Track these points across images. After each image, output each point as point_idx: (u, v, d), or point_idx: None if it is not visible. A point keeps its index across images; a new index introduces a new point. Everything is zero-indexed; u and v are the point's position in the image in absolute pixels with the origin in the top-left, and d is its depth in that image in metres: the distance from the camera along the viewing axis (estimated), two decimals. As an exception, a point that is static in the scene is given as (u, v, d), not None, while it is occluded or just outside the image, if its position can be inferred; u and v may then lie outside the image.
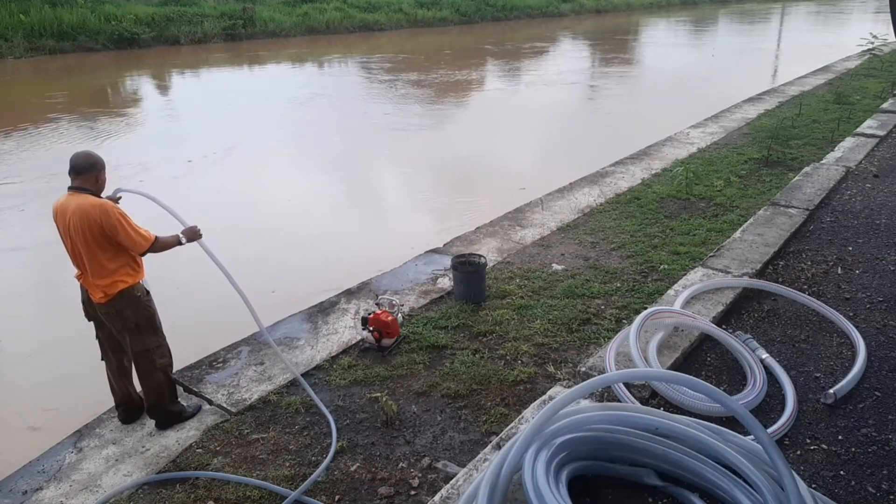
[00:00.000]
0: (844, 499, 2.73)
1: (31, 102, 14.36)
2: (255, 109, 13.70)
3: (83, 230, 3.34)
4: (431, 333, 4.59)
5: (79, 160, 3.41)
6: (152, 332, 3.66)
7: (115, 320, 3.55)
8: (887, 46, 14.69)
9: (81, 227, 3.33)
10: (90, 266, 3.43)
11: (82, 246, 3.38)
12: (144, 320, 3.60)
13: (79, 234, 3.36)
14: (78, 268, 3.53)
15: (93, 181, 3.43)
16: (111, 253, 3.41)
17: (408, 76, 17.53)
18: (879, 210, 6.07)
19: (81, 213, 3.33)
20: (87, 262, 3.42)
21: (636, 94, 15.64)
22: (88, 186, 3.41)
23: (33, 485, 3.38)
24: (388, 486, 3.25)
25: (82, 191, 3.40)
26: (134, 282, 3.52)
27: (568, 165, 9.15)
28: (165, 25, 22.51)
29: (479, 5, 31.74)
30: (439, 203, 8.19)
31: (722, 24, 34.44)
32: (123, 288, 3.47)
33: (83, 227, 3.33)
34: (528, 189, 7.97)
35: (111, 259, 3.42)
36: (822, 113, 11.20)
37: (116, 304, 3.49)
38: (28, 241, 7.18)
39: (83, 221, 3.32)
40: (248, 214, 7.77)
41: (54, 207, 3.47)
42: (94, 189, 3.44)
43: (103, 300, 3.46)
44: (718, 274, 4.74)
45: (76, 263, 3.53)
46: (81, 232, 3.34)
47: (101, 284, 3.43)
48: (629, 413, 2.85)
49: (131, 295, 3.52)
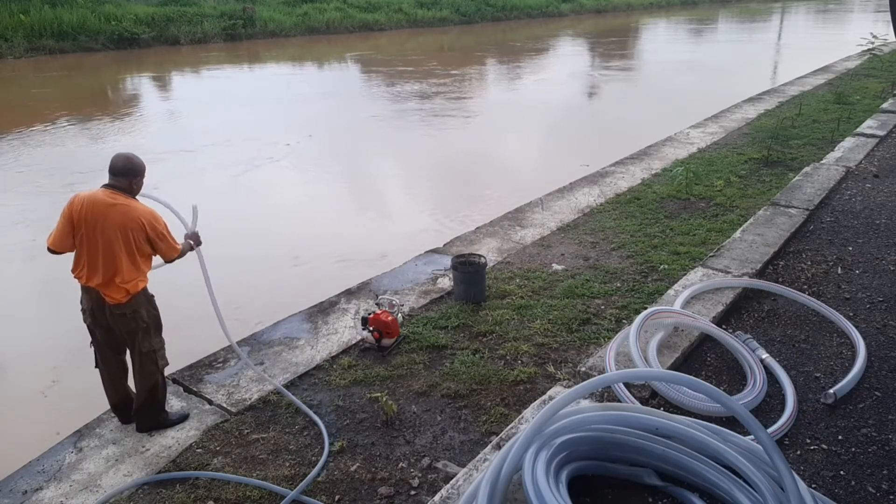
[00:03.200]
0: (844, 499, 2.73)
1: (30, 103, 14.36)
2: (255, 109, 13.70)
3: (124, 231, 3.34)
4: (431, 333, 4.59)
5: (117, 161, 3.43)
6: (158, 333, 3.70)
7: (130, 320, 3.53)
8: (887, 46, 14.69)
9: (123, 229, 3.33)
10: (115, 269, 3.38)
11: (114, 245, 3.34)
12: (154, 320, 3.66)
13: (115, 234, 3.34)
14: (88, 266, 3.42)
15: (127, 185, 3.44)
16: (137, 257, 3.44)
17: (408, 76, 17.54)
18: (879, 210, 6.07)
19: (126, 217, 3.34)
20: (108, 262, 3.37)
21: (636, 94, 15.64)
22: (124, 188, 3.43)
23: (33, 485, 3.38)
24: (388, 486, 3.25)
25: (117, 190, 3.41)
26: (146, 283, 3.59)
27: (568, 165, 9.15)
28: (165, 25, 22.51)
29: (479, 5, 31.75)
30: (439, 203, 8.19)
31: (722, 23, 34.43)
32: (143, 287, 3.54)
33: (125, 229, 3.34)
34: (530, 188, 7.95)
35: (138, 262, 3.46)
36: (822, 113, 11.20)
37: (135, 302, 3.50)
38: (28, 242, 7.18)
39: (127, 223, 3.34)
40: (248, 214, 7.77)
41: (78, 199, 3.40)
42: (129, 192, 3.45)
43: (125, 299, 3.45)
44: (718, 274, 4.74)
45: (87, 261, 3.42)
46: (121, 233, 3.34)
47: (122, 286, 3.42)
48: (629, 413, 2.85)
49: (146, 293, 3.58)
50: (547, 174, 8.80)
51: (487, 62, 20.60)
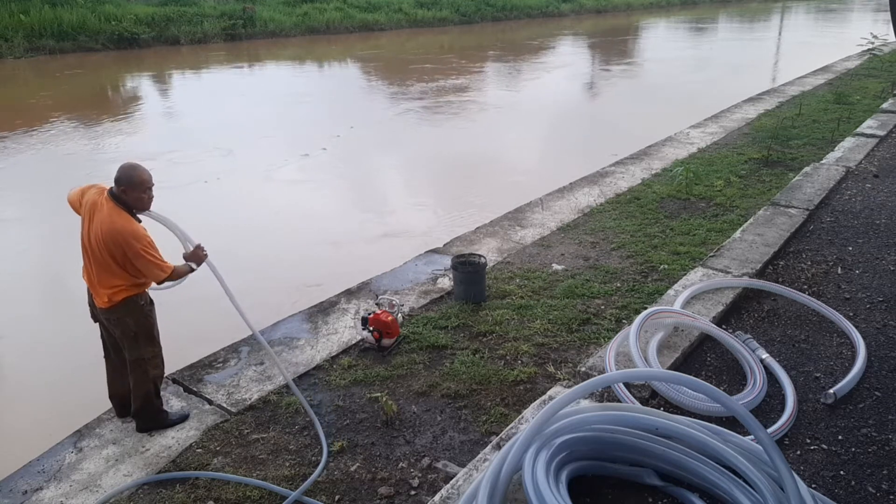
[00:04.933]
0: (844, 499, 2.73)
1: (30, 102, 14.35)
2: (255, 109, 13.69)
3: (105, 243, 3.30)
4: (431, 333, 4.59)
5: (121, 172, 3.35)
6: (149, 342, 3.62)
7: (115, 326, 3.54)
8: (887, 46, 14.69)
9: (104, 240, 3.29)
10: (97, 273, 3.40)
11: (99, 254, 3.34)
12: (143, 329, 3.56)
13: (99, 244, 3.32)
14: (84, 259, 3.48)
15: (120, 192, 3.35)
16: (122, 270, 3.37)
17: (407, 76, 17.54)
18: (879, 210, 6.07)
19: (108, 229, 3.28)
20: (96, 269, 3.39)
21: (636, 94, 15.64)
22: (117, 195, 3.35)
23: (33, 485, 3.38)
24: (388, 486, 3.25)
25: (111, 196, 3.35)
26: (139, 292, 3.50)
27: (568, 165, 9.15)
28: (165, 25, 22.49)
29: (479, 5, 31.72)
30: (439, 202, 8.19)
31: (722, 23, 34.43)
32: (127, 296, 3.45)
33: (105, 241, 3.29)
34: (528, 187, 7.95)
35: (120, 274, 3.38)
36: (822, 113, 11.20)
37: (119, 310, 3.47)
38: (28, 241, 7.19)
39: (107, 237, 3.28)
40: (247, 214, 7.77)
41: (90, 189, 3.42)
42: (131, 204, 3.37)
43: (106, 305, 3.45)
44: (718, 274, 4.74)
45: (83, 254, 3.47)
46: (104, 244, 3.30)
47: (106, 291, 3.41)
48: (629, 413, 2.85)
49: (134, 303, 3.49)
50: (547, 174, 8.80)
51: (487, 62, 20.59)
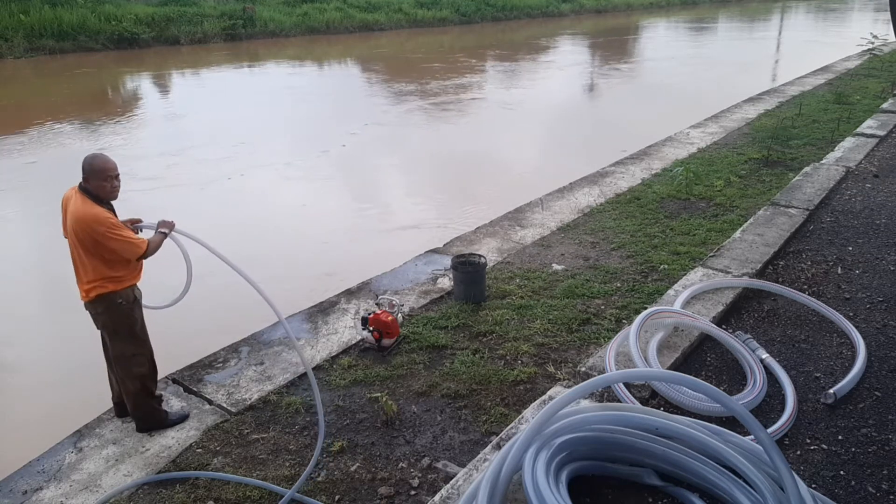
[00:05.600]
0: (844, 499, 2.73)
1: (29, 103, 14.35)
2: (255, 110, 13.69)
3: (75, 233, 3.36)
4: (431, 333, 4.59)
5: (83, 162, 3.40)
6: (130, 341, 3.60)
7: (96, 321, 3.60)
8: (887, 46, 14.69)
9: (74, 230, 3.35)
10: (76, 268, 3.47)
11: (74, 248, 3.43)
12: (122, 327, 3.56)
13: (72, 236, 3.39)
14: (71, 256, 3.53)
15: (84, 182, 3.39)
16: (99, 260, 3.38)
17: (407, 76, 17.53)
18: (879, 210, 6.07)
19: (74, 218, 3.34)
20: (75, 264, 3.48)
21: (636, 94, 15.64)
22: (88, 188, 3.39)
23: (33, 485, 3.38)
24: (388, 486, 3.25)
25: (79, 188, 3.41)
26: (116, 289, 3.47)
27: (568, 165, 9.15)
28: (165, 25, 22.50)
29: (479, 5, 31.73)
30: (439, 203, 8.19)
31: (722, 23, 34.43)
32: (102, 293, 3.45)
33: (75, 231, 3.35)
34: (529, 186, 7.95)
35: (98, 266, 3.40)
36: (822, 113, 11.20)
37: (96, 306, 3.51)
38: (28, 242, 7.19)
39: (76, 226, 3.34)
40: (247, 214, 7.77)
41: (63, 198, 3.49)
42: (94, 193, 3.38)
43: (85, 299, 3.52)
44: (718, 274, 4.74)
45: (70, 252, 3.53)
46: (74, 234, 3.37)
47: (83, 286, 3.47)
48: (629, 413, 2.85)
49: (111, 301, 3.49)
50: (547, 173, 8.80)
51: (487, 62, 20.59)
